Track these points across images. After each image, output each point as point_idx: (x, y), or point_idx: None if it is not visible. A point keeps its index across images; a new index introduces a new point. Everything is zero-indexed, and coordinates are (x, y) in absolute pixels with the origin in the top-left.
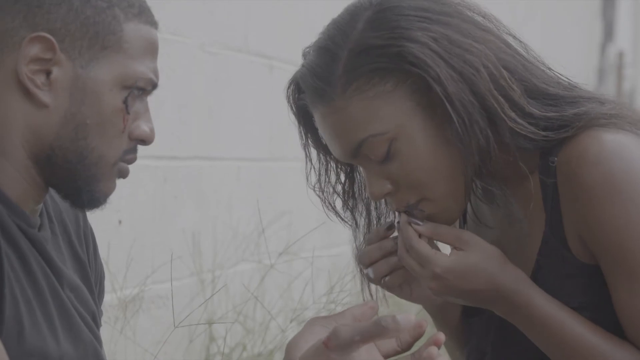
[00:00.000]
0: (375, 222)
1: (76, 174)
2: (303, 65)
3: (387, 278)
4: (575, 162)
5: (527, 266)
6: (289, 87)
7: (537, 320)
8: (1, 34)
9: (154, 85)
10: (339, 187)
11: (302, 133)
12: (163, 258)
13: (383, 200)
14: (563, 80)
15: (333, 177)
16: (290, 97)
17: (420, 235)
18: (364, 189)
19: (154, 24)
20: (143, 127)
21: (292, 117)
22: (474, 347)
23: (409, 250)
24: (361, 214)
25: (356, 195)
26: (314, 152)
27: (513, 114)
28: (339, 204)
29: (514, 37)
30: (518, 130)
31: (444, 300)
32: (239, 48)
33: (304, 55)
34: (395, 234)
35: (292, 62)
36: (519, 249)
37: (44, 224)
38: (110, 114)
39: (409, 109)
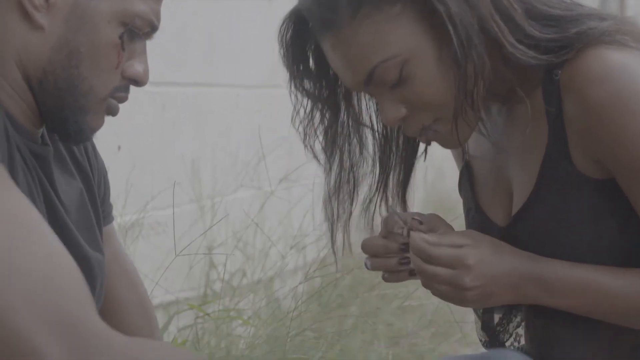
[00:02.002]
0: (348, 170)
1: (65, 103)
2: None
3: (386, 275)
4: (580, 80)
5: (529, 181)
6: (282, 24)
7: (574, 290)
8: None
9: (153, 28)
10: (321, 130)
11: (290, 75)
12: (162, 184)
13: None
14: None
15: (317, 120)
16: (283, 35)
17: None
18: (347, 136)
19: None
20: (137, 67)
21: (281, 60)
22: None
23: (430, 260)
24: (337, 159)
25: (335, 142)
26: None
27: (512, 40)
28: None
29: None
30: (518, 55)
31: (482, 307)
32: None
33: None
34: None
35: None
36: (524, 163)
37: (43, 136)
38: (105, 46)
39: (417, 31)
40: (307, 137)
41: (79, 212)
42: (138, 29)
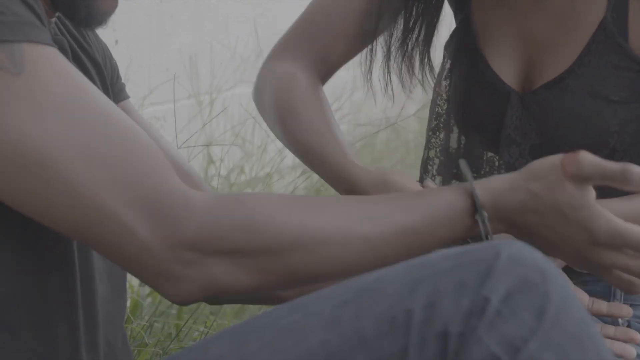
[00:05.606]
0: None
1: None
2: None
3: None
4: None
5: (574, 51)
6: None
7: None
8: None
9: None
10: None
11: None
12: (160, 79)
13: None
14: None
15: None
16: None
17: None
18: None
19: None
20: None
21: None
22: None
23: None
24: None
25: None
26: None
27: None
28: None
29: None
30: None
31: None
32: None
33: None
34: None
35: None
36: (567, 34)
37: (52, 28)
38: None
39: None
40: None
41: None
42: None
